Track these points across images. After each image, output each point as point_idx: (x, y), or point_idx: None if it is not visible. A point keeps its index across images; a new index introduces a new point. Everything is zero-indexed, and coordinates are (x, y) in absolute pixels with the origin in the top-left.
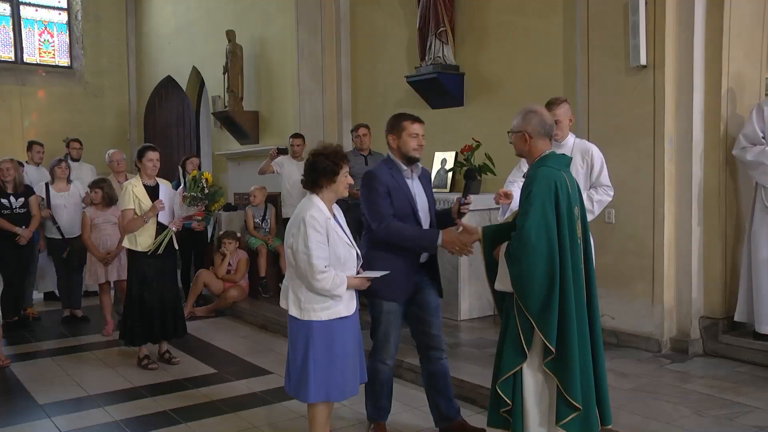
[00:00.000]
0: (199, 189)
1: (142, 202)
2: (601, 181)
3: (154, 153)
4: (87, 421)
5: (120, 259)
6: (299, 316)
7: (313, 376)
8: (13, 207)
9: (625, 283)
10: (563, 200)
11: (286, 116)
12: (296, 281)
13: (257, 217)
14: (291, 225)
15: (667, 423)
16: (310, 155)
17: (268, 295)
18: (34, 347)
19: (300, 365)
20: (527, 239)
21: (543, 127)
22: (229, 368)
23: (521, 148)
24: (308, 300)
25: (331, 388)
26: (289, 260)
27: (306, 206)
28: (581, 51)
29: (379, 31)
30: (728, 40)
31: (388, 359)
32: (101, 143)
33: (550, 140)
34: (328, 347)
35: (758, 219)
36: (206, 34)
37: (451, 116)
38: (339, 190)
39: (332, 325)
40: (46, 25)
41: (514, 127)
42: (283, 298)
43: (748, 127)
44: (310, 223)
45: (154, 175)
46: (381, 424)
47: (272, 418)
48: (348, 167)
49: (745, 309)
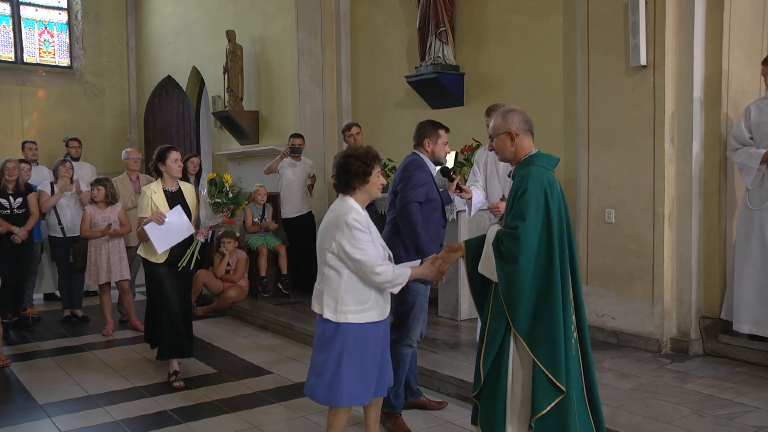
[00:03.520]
0: (223, 194)
1: (160, 209)
2: None
3: (177, 153)
4: (87, 421)
5: (121, 259)
6: (334, 318)
7: (347, 380)
8: (12, 207)
9: (625, 283)
10: (556, 200)
11: (286, 116)
12: (332, 284)
13: (256, 216)
14: (328, 229)
15: (667, 423)
16: (341, 157)
17: (268, 295)
18: (34, 347)
19: (332, 368)
20: (526, 239)
21: (526, 123)
22: (229, 368)
23: (507, 150)
24: (343, 302)
25: (360, 392)
26: (328, 263)
27: (343, 209)
28: (581, 51)
29: (379, 31)
30: (728, 40)
31: (415, 342)
32: (101, 143)
33: (533, 137)
34: (361, 351)
35: (742, 218)
36: (206, 34)
37: (451, 116)
38: (372, 191)
39: (366, 328)
40: (46, 25)
41: (495, 129)
42: (315, 302)
43: (736, 128)
44: (354, 225)
45: (178, 178)
46: (398, 418)
47: (272, 418)
48: (380, 167)
49: (727, 307)
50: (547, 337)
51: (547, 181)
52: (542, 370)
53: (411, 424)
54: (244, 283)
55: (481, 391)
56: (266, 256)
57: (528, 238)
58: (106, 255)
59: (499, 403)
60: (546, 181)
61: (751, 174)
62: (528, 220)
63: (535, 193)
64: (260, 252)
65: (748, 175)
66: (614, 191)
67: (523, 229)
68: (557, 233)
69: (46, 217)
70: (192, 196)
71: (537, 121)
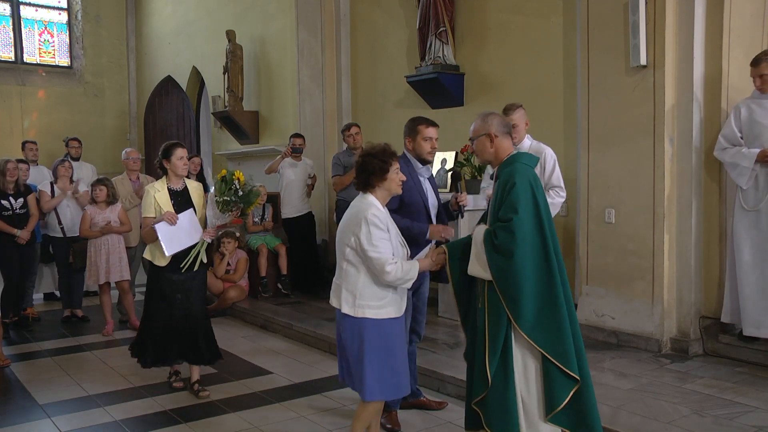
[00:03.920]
0: (232, 192)
1: (164, 209)
2: (553, 182)
3: (183, 150)
4: (87, 421)
5: (121, 260)
6: (352, 313)
7: (369, 375)
8: (13, 208)
9: (625, 283)
10: (541, 194)
11: (286, 116)
12: (350, 279)
13: (256, 216)
14: (348, 224)
15: (667, 423)
16: (359, 157)
17: (268, 295)
18: (34, 347)
19: (356, 364)
20: (521, 230)
21: (505, 126)
22: (229, 368)
23: (487, 151)
24: (362, 297)
25: (386, 387)
26: (347, 259)
27: (364, 205)
28: (581, 51)
29: (379, 31)
30: (728, 40)
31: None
32: (101, 143)
33: (512, 140)
34: (381, 345)
35: (738, 219)
36: (206, 34)
37: (451, 116)
38: (392, 188)
39: (384, 323)
40: (46, 25)
41: (475, 132)
42: (334, 297)
43: (727, 128)
44: (372, 221)
45: (184, 176)
46: (393, 413)
47: (272, 418)
48: (399, 164)
49: (729, 310)
50: (553, 329)
51: (532, 176)
52: (552, 362)
53: (411, 423)
54: (244, 283)
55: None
56: (266, 256)
57: (522, 230)
58: (106, 255)
59: (510, 403)
60: (531, 176)
61: (745, 174)
62: (521, 212)
63: (523, 186)
64: (260, 252)
65: (741, 175)
66: (614, 191)
67: (517, 221)
68: (548, 225)
69: (45, 218)
70: (198, 195)
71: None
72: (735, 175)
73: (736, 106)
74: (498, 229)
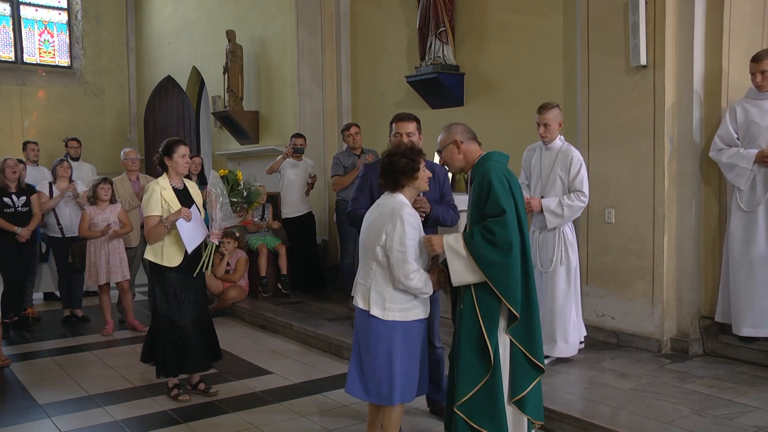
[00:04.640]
0: (237, 193)
1: (172, 207)
2: (575, 185)
3: (186, 147)
4: (87, 421)
5: (121, 260)
6: (382, 316)
7: (399, 378)
8: (16, 206)
9: (625, 283)
10: (517, 187)
11: (286, 116)
12: (379, 280)
13: (255, 216)
14: (379, 223)
15: (667, 423)
16: (384, 157)
17: (267, 295)
18: (34, 347)
19: (383, 367)
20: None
21: (469, 132)
22: (229, 368)
23: (456, 158)
24: (393, 300)
25: (411, 388)
26: (377, 259)
27: (397, 205)
28: (581, 51)
29: (379, 31)
30: (728, 40)
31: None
32: (101, 143)
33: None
34: (408, 348)
35: (734, 220)
36: (206, 34)
37: (451, 116)
38: (421, 186)
39: (411, 326)
40: (46, 25)
41: (442, 142)
42: (361, 299)
43: (723, 129)
44: (408, 221)
45: (185, 175)
46: None
47: (272, 418)
48: (425, 161)
49: (722, 310)
50: (527, 319)
51: (506, 171)
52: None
53: (414, 423)
54: (244, 283)
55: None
56: (266, 256)
57: (513, 223)
58: (106, 256)
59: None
60: (505, 171)
61: (743, 175)
62: (506, 207)
63: (499, 181)
64: (260, 252)
65: (739, 176)
66: (614, 191)
67: (509, 215)
68: (524, 218)
69: (44, 218)
70: (198, 194)
71: None
72: (732, 176)
73: (731, 106)
74: (492, 225)
